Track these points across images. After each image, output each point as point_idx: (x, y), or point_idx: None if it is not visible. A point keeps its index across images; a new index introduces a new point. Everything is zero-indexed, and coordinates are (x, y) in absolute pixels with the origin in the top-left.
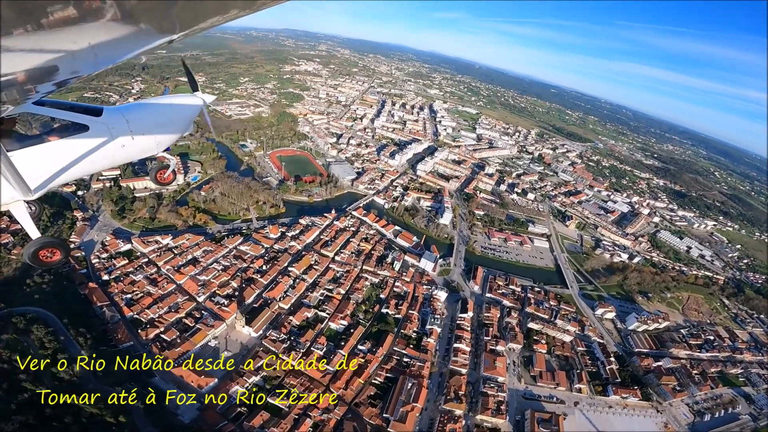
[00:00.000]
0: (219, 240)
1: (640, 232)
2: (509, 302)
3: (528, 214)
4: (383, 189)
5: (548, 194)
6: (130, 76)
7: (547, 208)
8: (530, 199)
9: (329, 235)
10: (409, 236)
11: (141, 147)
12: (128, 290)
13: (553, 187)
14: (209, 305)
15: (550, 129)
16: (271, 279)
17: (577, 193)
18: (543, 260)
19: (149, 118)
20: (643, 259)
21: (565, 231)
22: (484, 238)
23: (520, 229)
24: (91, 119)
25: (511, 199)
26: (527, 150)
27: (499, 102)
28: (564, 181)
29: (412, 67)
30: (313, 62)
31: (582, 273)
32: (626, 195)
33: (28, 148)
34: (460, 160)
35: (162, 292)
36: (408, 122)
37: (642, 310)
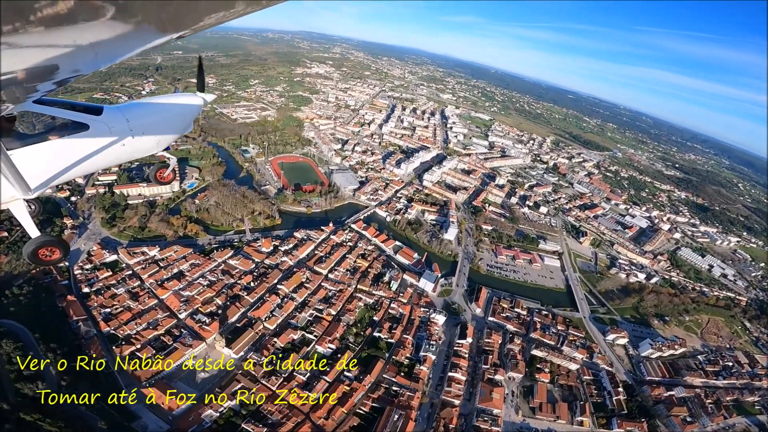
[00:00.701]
0: (208, 253)
1: (659, 250)
2: (513, 327)
3: (539, 230)
4: (386, 200)
5: (562, 208)
6: (144, 77)
7: (560, 223)
8: (542, 212)
9: (324, 251)
10: (409, 253)
11: (141, 146)
12: (108, 304)
13: (568, 199)
14: (190, 323)
15: (567, 137)
16: (258, 297)
17: (593, 206)
18: (553, 280)
19: (149, 117)
20: (661, 279)
21: (579, 248)
22: (490, 256)
23: (529, 246)
24: (91, 118)
25: (521, 212)
26: (541, 159)
27: (514, 108)
28: (579, 193)
29: (426, 70)
30: (326, 65)
31: (594, 294)
32: (645, 209)
33: (28, 147)
34: (470, 169)
35: (142, 308)
36: (418, 128)
37: (657, 336)
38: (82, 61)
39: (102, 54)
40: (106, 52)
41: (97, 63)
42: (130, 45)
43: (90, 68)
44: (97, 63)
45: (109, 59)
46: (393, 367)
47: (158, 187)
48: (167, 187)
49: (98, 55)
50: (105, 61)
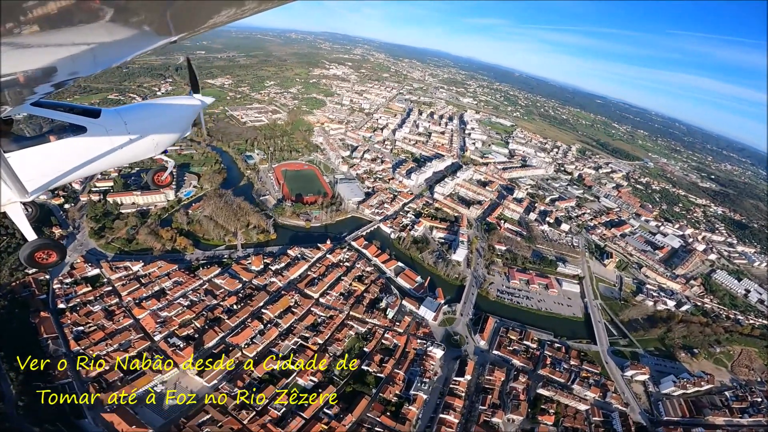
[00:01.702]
0: (194, 270)
1: (692, 273)
2: (520, 362)
3: (559, 251)
4: (392, 214)
5: (586, 225)
6: (163, 77)
7: (583, 243)
8: (564, 231)
9: (318, 272)
10: (412, 276)
11: (139, 149)
12: (81, 322)
13: (593, 215)
14: (163, 346)
15: (594, 144)
16: (239, 321)
17: (621, 223)
18: (570, 308)
19: (147, 120)
20: (693, 306)
21: (602, 272)
22: (502, 280)
23: (547, 269)
24: (89, 121)
25: (540, 230)
26: (565, 169)
27: (538, 113)
28: (606, 208)
29: (447, 73)
30: (345, 66)
31: (616, 324)
32: (679, 226)
33: (26, 150)
34: (486, 181)
35: (116, 327)
36: (433, 134)
37: (683, 371)
38: (81, 64)
39: (101, 57)
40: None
41: (95, 65)
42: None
43: (88, 71)
44: (95, 65)
45: (107, 62)
46: (379, 405)
47: (153, 196)
48: (162, 196)
49: (97, 57)
50: (104, 63)
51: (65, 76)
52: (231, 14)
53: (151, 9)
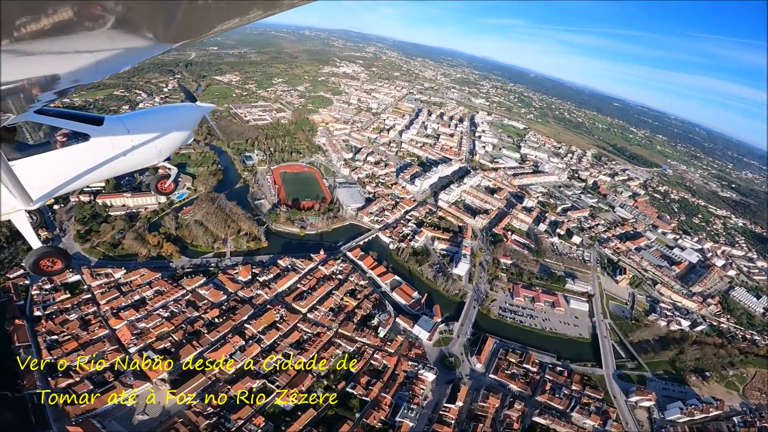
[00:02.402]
0: (178, 279)
1: (709, 291)
2: (517, 387)
3: (568, 266)
4: (393, 223)
5: (599, 237)
6: (172, 73)
7: (595, 258)
8: (575, 243)
9: (308, 284)
10: (408, 291)
11: (143, 156)
12: (56, 330)
13: (607, 227)
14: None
15: (610, 149)
16: (219, 336)
17: (637, 236)
18: (577, 328)
19: (151, 127)
20: (708, 326)
21: (614, 289)
22: (505, 297)
23: (554, 285)
24: (92, 128)
25: (549, 243)
26: (579, 176)
27: (553, 115)
28: (621, 219)
29: (460, 73)
30: (356, 64)
31: (625, 346)
32: (697, 239)
33: (30, 158)
34: (495, 187)
35: (90, 338)
36: (442, 136)
37: (692, 396)
38: (83, 72)
39: (103, 64)
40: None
41: (98, 73)
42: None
43: (92, 78)
44: (98, 73)
45: (110, 69)
46: (362, 431)
47: (143, 198)
48: (152, 198)
49: (99, 65)
50: (106, 71)
51: (68, 83)
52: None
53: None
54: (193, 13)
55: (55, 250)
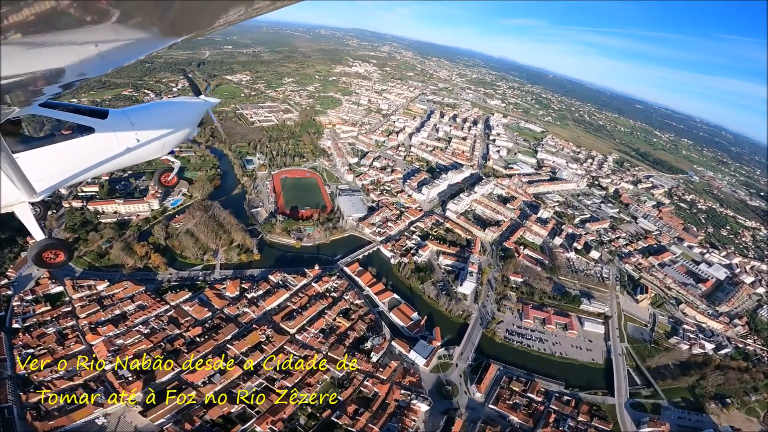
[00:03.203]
0: (162, 293)
1: (737, 311)
2: (519, 418)
3: (585, 284)
4: (396, 235)
5: (619, 252)
6: (183, 72)
7: (614, 275)
8: (593, 259)
9: (299, 303)
10: (407, 312)
11: (146, 149)
12: (33, 344)
13: (629, 240)
14: (111, 378)
15: (633, 154)
16: (200, 356)
17: (661, 250)
18: (590, 352)
19: (154, 121)
20: (734, 349)
21: (634, 309)
22: (513, 318)
23: (568, 305)
24: (96, 121)
25: (565, 258)
26: (600, 183)
27: (572, 118)
28: (644, 231)
29: (476, 73)
30: (369, 63)
31: (642, 371)
32: (725, 253)
33: (34, 150)
34: (508, 196)
35: (66, 352)
36: (454, 140)
37: (709, 425)
38: (88, 65)
39: (108, 57)
40: (112, 55)
41: (104, 66)
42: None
43: (96, 72)
44: (104, 66)
45: (115, 63)
46: None
47: (135, 205)
48: (145, 205)
49: (104, 59)
50: (111, 64)
51: (73, 77)
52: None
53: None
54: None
55: (58, 242)
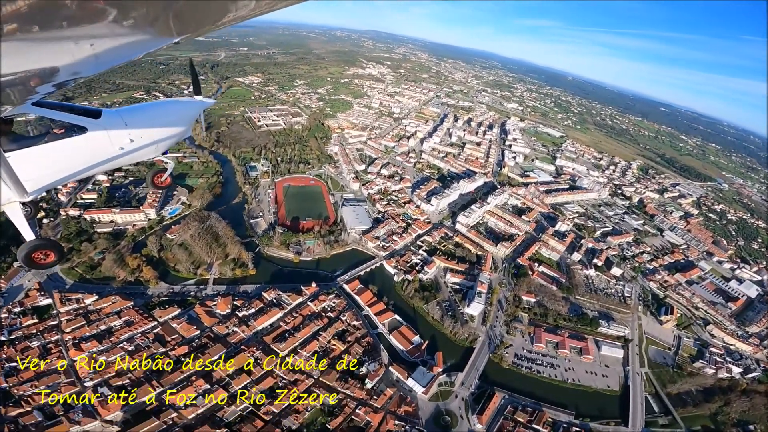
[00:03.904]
0: (150, 309)
1: None
2: None
3: (604, 305)
4: (401, 249)
5: (643, 268)
6: (191, 66)
7: (637, 294)
8: (614, 276)
9: (293, 323)
10: (409, 334)
11: (139, 149)
12: (16, 358)
13: (654, 255)
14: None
15: (658, 160)
16: (183, 377)
17: (688, 266)
18: (606, 378)
19: (148, 121)
20: (762, 372)
21: (657, 331)
22: (524, 342)
23: (584, 328)
24: (89, 121)
25: (584, 276)
26: (623, 192)
27: (593, 121)
28: (671, 245)
29: (493, 75)
30: (383, 65)
31: (661, 398)
32: (757, 269)
33: (26, 149)
34: (524, 207)
35: (49, 368)
36: (467, 146)
37: None
38: (83, 64)
39: (102, 57)
40: (107, 55)
41: (98, 66)
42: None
43: (90, 71)
44: (98, 66)
45: (109, 62)
46: None
47: (132, 214)
48: (141, 215)
49: (99, 58)
50: (105, 64)
51: (67, 76)
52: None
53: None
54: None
55: (48, 243)
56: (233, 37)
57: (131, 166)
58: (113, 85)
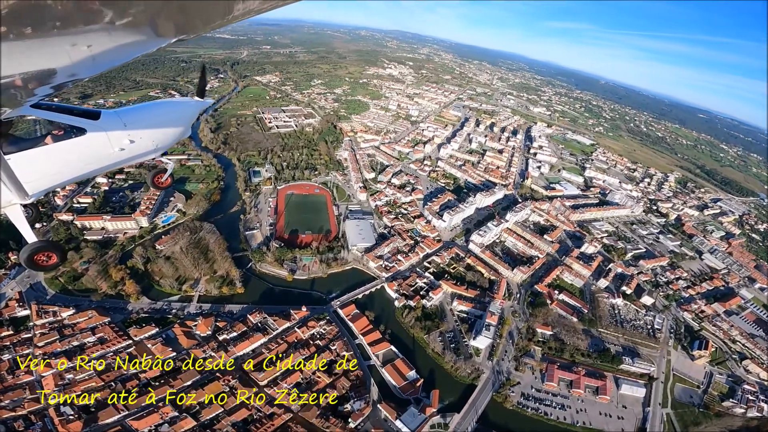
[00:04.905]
0: (127, 326)
1: None
2: None
3: (630, 338)
4: (406, 270)
5: (678, 296)
6: (217, 72)
7: (669, 326)
8: (645, 306)
9: (276, 350)
10: (403, 368)
11: (139, 150)
12: None
13: (690, 281)
14: (52, 414)
15: (697, 172)
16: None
17: (729, 295)
18: (621, 421)
19: (147, 122)
20: None
21: (687, 368)
22: (533, 380)
23: (605, 364)
24: (88, 122)
25: (609, 306)
26: (659, 209)
27: (627, 128)
28: (710, 269)
29: (520, 77)
30: (404, 66)
31: None
32: None
33: (25, 152)
34: (547, 225)
35: (15, 382)
36: (488, 153)
37: None
38: (80, 66)
39: (100, 58)
40: (104, 56)
41: (95, 67)
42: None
43: (88, 73)
44: (95, 67)
45: (107, 64)
46: None
47: (123, 222)
48: (133, 223)
49: (96, 59)
50: (103, 65)
51: (64, 78)
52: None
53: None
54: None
55: (50, 245)
56: (258, 34)
57: (132, 167)
58: (133, 83)
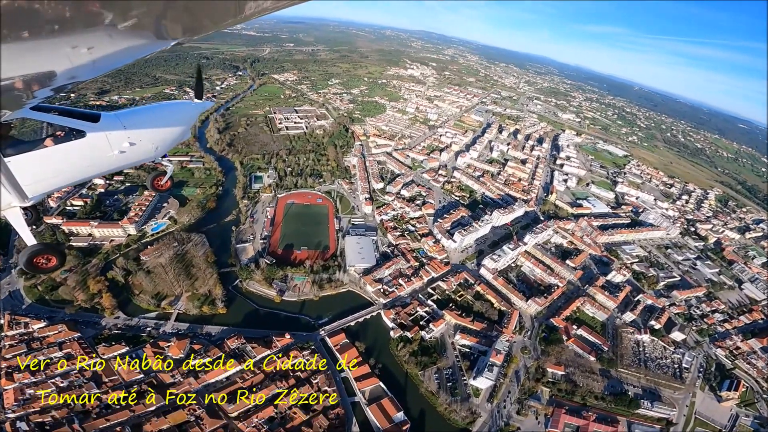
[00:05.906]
0: (97, 343)
1: None
2: None
3: (653, 379)
4: (406, 297)
5: (712, 331)
6: (236, 69)
7: (698, 366)
8: (674, 342)
9: (251, 380)
10: (390, 409)
11: (139, 153)
12: None
13: (728, 315)
14: (8, 429)
15: (739, 188)
16: (108, 425)
17: None
18: None
19: (147, 124)
20: None
21: (712, 410)
22: (537, 425)
23: (620, 408)
24: (88, 125)
25: (634, 343)
26: (697, 230)
27: (663, 138)
28: (751, 301)
29: (548, 81)
30: (427, 67)
31: None
32: None
33: (25, 154)
34: (570, 248)
35: None
36: (510, 163)
37: None
38: (80, 69)
39: (101, 61)
40: (104, 59)
41: (95, 70)
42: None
43: (88, 75)
44: (95, 70)
45: (107, 66)
46: None
47: (110, 229)
48: (120, 230)
49: (96, 62)
50: (103, 68)
51: (64, 80)
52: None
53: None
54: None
55: (49, 248)
56: (283, 32)
57: (131, 170)
58: (152, 79)
